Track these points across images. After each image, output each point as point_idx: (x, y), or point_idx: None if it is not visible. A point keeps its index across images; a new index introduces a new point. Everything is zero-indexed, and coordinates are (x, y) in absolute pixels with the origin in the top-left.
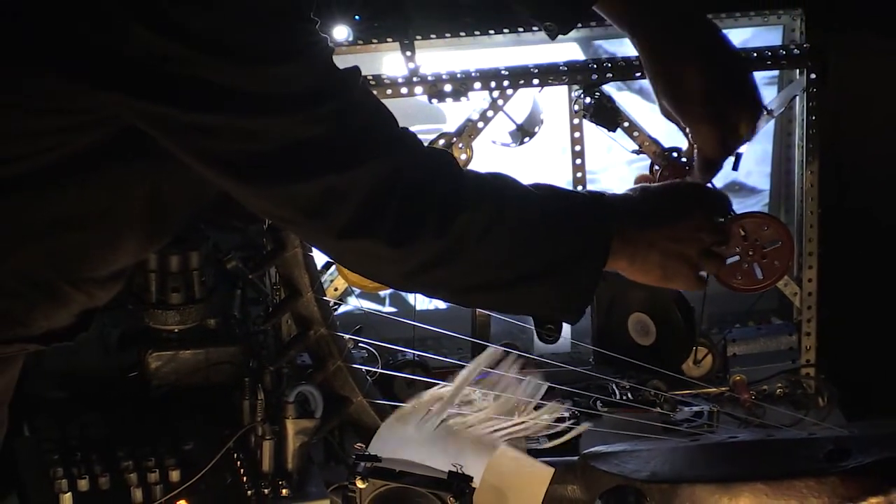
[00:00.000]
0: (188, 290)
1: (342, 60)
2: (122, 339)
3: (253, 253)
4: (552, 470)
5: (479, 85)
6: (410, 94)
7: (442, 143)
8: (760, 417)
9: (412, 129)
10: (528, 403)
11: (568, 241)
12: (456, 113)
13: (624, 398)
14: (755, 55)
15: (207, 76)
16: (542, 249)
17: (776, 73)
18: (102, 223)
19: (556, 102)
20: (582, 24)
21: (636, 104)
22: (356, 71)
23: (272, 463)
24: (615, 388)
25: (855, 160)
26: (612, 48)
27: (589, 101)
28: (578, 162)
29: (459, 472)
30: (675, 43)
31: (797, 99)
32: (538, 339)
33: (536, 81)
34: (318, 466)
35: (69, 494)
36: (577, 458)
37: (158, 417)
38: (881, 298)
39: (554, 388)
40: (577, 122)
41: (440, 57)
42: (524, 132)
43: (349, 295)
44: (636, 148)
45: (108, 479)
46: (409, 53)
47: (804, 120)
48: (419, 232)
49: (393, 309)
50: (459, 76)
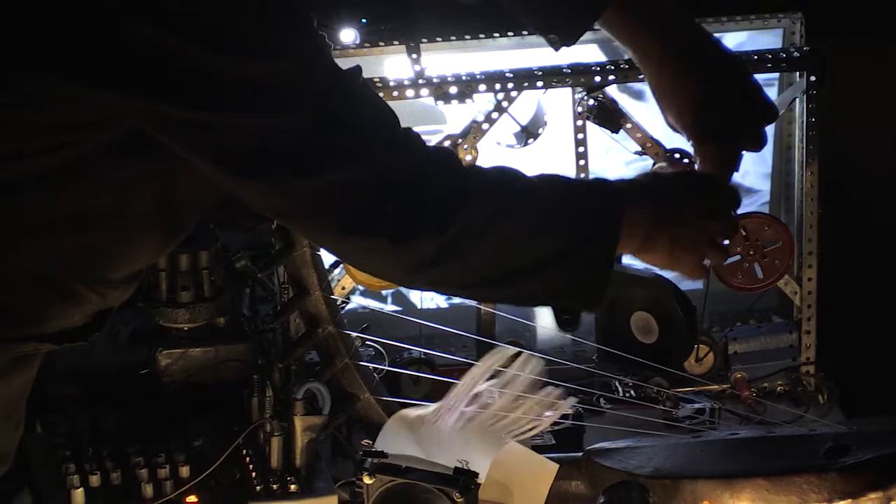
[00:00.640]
0: (198, 288)
1: (348, 63)
2: (132, 336)
3: (262, 252)
4: (557, 466)
5: (483, 87)
6: (416, 95)
7: (447, 144)
8: (761, 414)
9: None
10: (532, 399)
11: (577, 227)
12: (457, 114)
13: (627, 395)
14: (756, 58)
15: (206, 71)
16: (549, 238)
17: (776, 75)
18: (113, 223)
19: (557, 104)
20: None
21: (634, 106)
22: (357, 70)
23: (281, 459)
24: (618, 385)
25: (854, 161)
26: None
27: (592, 102)
28: (582, 163)
29: (465, 468)
30: (679, 63)
31: (797, 101)
32: (557, 326)
33: (540, 84)
34: (325, 462)
35: (81, 489)
36: (581, 454)
37: (169, 414)
38: (880, 297)
39: (558, 385)
40: (580, 123)
41: (445, 59)
42: (528, 133)
43: (354, 293)
44: (639, 149)
45: (119, 474)
46: (415, 56)
47: (804, 122)
48: (420, 229)
49: (396, 307)
50: (465, 78)
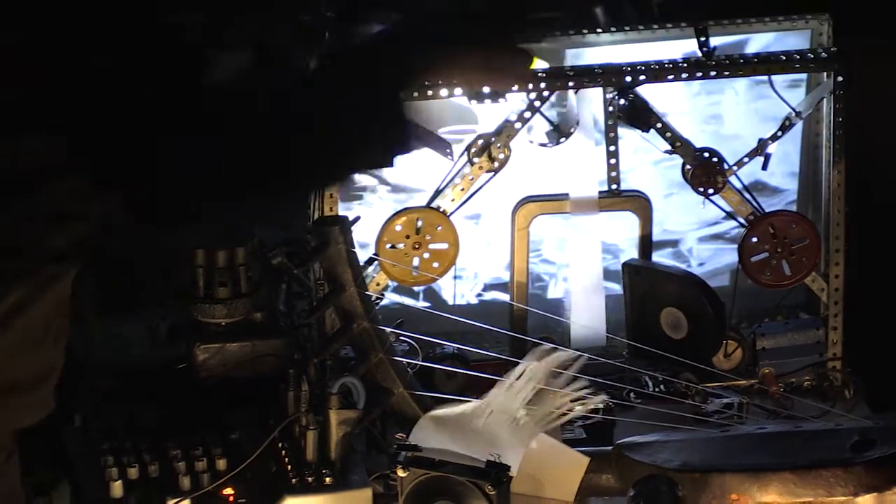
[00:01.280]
0: (235, 284)
1: None
2: (170, 332)
3: (297, 249)
4: (588, 459)
5: (515, 87)
6: (450, 95)
7: (480, 143)
8: (788, 409)
9: (445, 130)
10: (563, 393)
11: None
12: (489, 113)
13: (657, 390)
14: (784, 58)
15: None
16: None
17: (804, 75)
18: None
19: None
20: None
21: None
22: None
23: (316, 452)
24: (648, 380)
25: (881, 160)
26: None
27: (623, 102)
28: (613, 162)
29: (497, 461)
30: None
31: (824, 101)
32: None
33: (572, 83)
34: (360, 456)
35: (119, 482)
36: (611, 448)
37: (206, 408)
38: None
39: (590, 380)
40: (611, 122)
41: None
42: (560, 132)
43: (388, 290)
44: (668, 148)
45: (156, 467)
46: None
47: (831, 121)
48: None
49: (427, 303)
50: None
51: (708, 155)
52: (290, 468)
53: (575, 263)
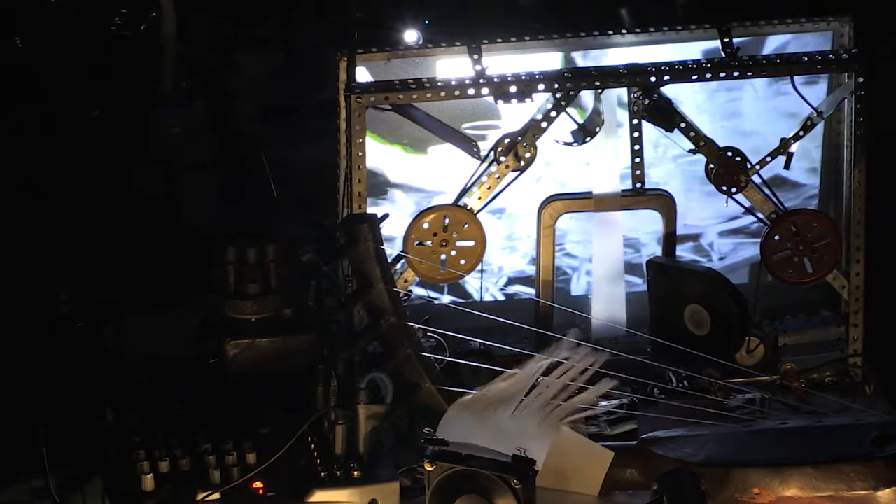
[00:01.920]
0: (265, 281)
1: (411, 63)
2: (202, 327)
3: (327, 246)
4: (612, 453)
5: (542, 86)
6: (477, 94)
7: (507, 142)
8: (810, 404)
9: (468, 125)
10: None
11: None
12: (511, 110)
13: (680, 385)
14: (806, 59)
15: None
16: None
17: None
18: None
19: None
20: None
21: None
22: None
23: (344, 446)
24: (672, 375)
25: None
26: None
27: (647, 102)
28: (637, 160)
29: (523, 455)
30: None
31: (846, 101)
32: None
33: (597, 83)
34: (388, 450)
35: (150, 475)
36: (635, 442)
37: (236, 403)
38: None
39: (614, 375)
40: (636, 122)
41: (505, 60)
42: (586, 132)
43: (413, 285)
44: (692, 147)
45: (187, 460)
46: (475, 56)
47: (852, 122)
48: None
49: (451, 298)
50: (524, 78)
51: (731, 154)
52: (318, 462)
53: (598, 255)
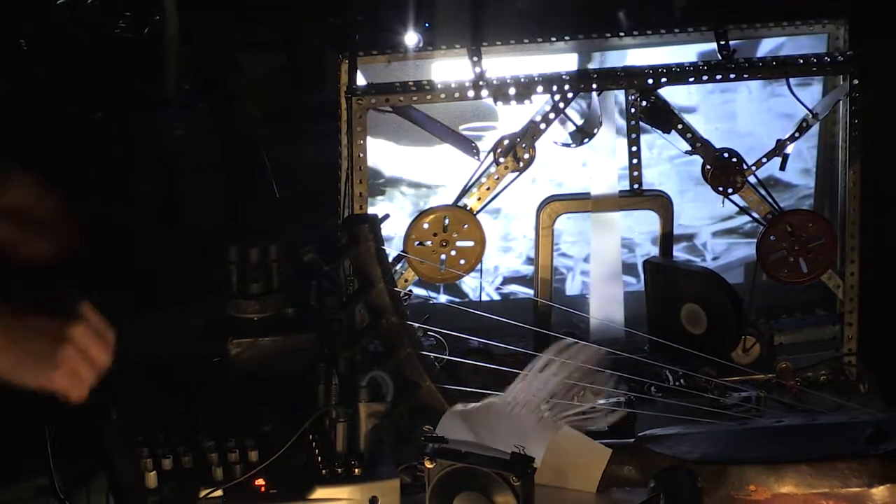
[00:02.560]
0: (267, 280)
1: (412, 65)
2: (205, 326)
3: (328, 246)
4: (610, 451)
5: (541, 88)
6: (477, 96)
7: (507, 143)
8: (805, 403)
9: (464, 128)
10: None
11: None
12: (510, 111)
13: (677, 384)
14: (801, 61)
15: None
16: None
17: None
18: None
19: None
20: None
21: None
22: None
23: (345, 444)
24: (669, 374)
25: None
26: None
27: (645, 104)
28: (635, 161)
29: (522, 453)
30: None
31: (840, 103)
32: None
33: (595, 85)
34: (388, 447)
35: (154, 472)
36: (632, 440)
37: (239, 401)
38: None
39: (611, 374)
40: (633, 123)
41: (504, 62)
42: (584, 133)
43: (412, 284)
44: (689, 149)
45: (190, 458)
46: (475, 59)
47: (847, 123)
48: None
49: (447, 297)
50: (523, 80)
51: (728, 155)
52: (320, 459)
53: (596, 255)
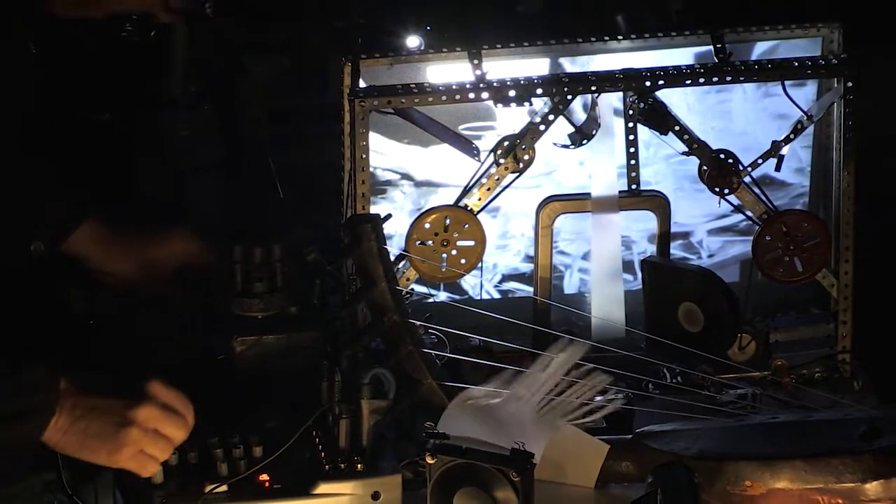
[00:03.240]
0: (271, 279)
1: (412, 68)
2: (209, 325)
3: (331, 246)
4: (608, 447)
5: (540, 90)
6: (477, 99)
7: (506, 145)
8: (800, 400)
9: (463, 128)
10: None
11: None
12: (508, 112)
13: (674, 381)
14: (796, 64)
15: None
16: None
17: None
18: None
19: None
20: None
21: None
22: None
23: (348, 440)
24: (666, 371)
25: (891, 160)
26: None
27: (642, 105)
28: (633, 162)
29: (521, 449)
30: None
31: (835, 105)
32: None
33: (594, 88)
34: (390, 443)
35: (160, 468)
36: (630, 436)
37: (243, 398)
38: None
39: (609, 371)
40: (631, 125)
41: (504, 65)
42: (582, 135)
43: (414, 283)
44: (685, 150)
45: (195, 454)
46: (476, 61)
47: (841, 125)
48: None
49: (447, 295)
50: (523, 82)
51: (724, 156)
52: (323, 455)
53: (596, 253)
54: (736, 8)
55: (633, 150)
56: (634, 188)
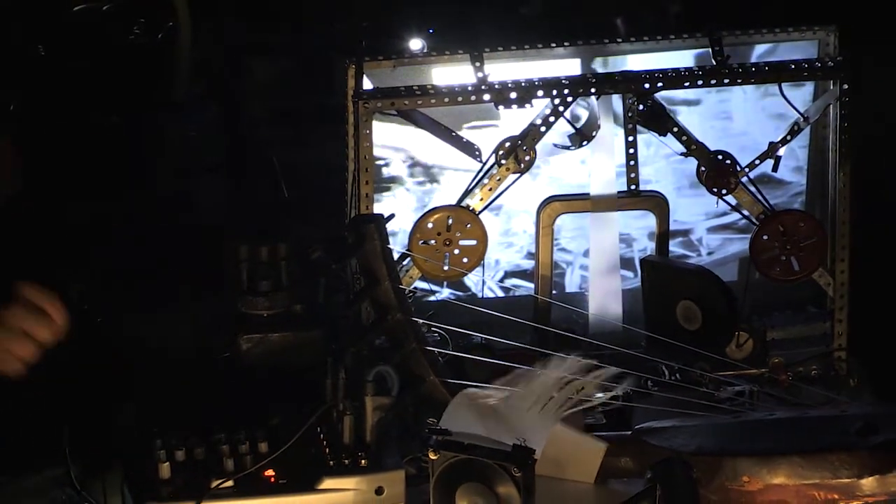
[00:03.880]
0: (276, 278)
1: (415, 70)
2: (216, 322)
3: (335, 245)
4: (606, 444)
5: (541, 92)
6: (479, 100)
7: (507, 145)
8: (796, 396)
9: (467, 126)
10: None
11: None
12: (510, 112)
13: (673, 378)
14: (793, 67)
15: None
16: None
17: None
18: None
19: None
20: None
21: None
22: None
23: (352, 436)
24: (665, 369)
25: (888, 161)
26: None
27: (642, 107)
28: (632, 163)
29: (523, 445)
30: None
31: (831, 107)
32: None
33: (594, 90)
34: (394, 439)
35: (167, 463)
36: (629, 433)
37: (249, 395)
38: None
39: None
40: (630, 126)
41: (506, 67)
42: (582, 136)
43: (416, 281)
44: (684, 150)
45: (202, 449)
46: (478, 64)
47: (837, 126)
48: None
49: (450, 292)
50: (524, 84)
51: (722, 157)
52: (327, 451)
53: (595, 250)
54: (733, 11)
55: (632, 150)
56: (634, 188)
